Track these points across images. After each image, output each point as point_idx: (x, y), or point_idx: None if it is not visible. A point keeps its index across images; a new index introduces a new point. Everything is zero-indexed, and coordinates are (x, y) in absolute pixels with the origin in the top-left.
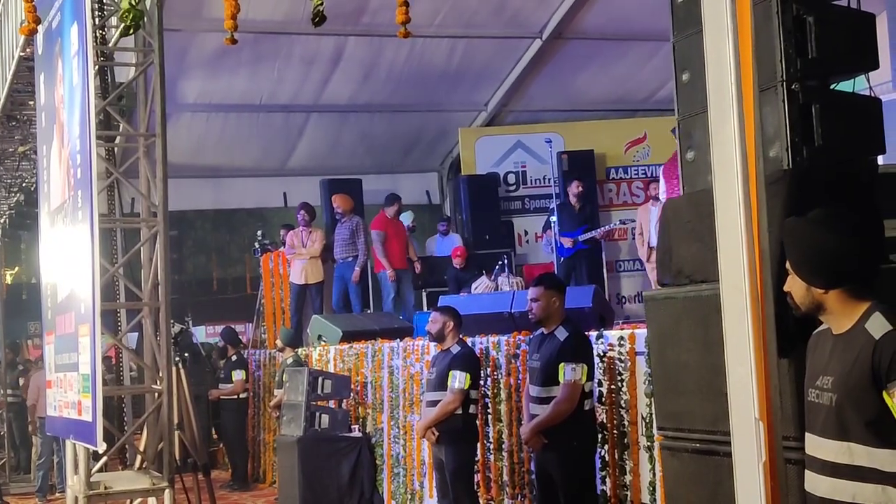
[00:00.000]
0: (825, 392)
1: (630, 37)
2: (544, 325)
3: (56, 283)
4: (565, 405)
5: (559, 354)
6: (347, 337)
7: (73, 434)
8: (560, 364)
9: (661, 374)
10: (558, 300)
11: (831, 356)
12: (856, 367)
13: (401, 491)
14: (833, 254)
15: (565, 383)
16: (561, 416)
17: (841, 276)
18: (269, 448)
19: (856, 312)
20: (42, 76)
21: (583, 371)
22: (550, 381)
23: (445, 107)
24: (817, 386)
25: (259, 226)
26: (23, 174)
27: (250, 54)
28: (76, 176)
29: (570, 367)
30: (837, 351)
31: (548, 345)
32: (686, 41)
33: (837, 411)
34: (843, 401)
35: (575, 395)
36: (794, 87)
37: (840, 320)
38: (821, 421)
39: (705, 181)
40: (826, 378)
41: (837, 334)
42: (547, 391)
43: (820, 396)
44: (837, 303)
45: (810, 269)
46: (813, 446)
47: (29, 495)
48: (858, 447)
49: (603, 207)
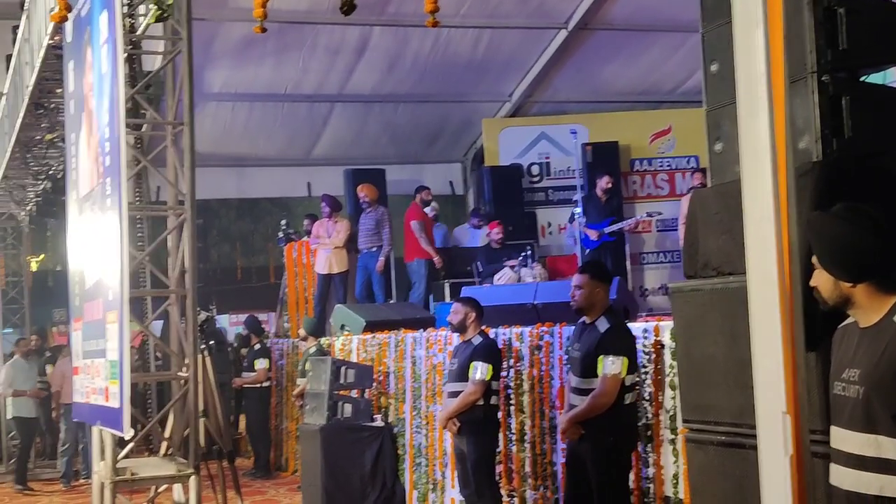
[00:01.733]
0: (852, 385)
1: (656, 28)
2: (586, 314)
3: (84, 270)
4: (603, 399)
5: (599, 346)
6: (370, 327)
7: (99, 420)
8: (599, 356)
9: (686, 366)
10: (602, 290)
11: (858, 349)
12: (884, 360)
13: (423, 481)
14: (858, 248)
15: (604, 376)
16: (598, 409)
17: (867, 270)
18: (291, 436)
19: (884, 305)
20: (71, 64)
21: (623, 364)
22: (589, 372)
23: (470, 97)
24: (843, 379)
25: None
26: (50, 162)
27: (276, 44)
28: (105, 164)
29: (610, 360)
30: (865, 344)
31: (588, 335)
32: (715, 32)
33: (865, 404)
34: (871, 393)
35: (613, 389)
36: (824, 79)
37: (867, 314)
38: (847, 413)
39: (733, 173)
40: (853, 371)
41: (864, 327)
42: (587, 382)
43: (846, 389)
44: (865, 296)
45: (836, 264)
46: (839, 439)
47: (54, 481)
48: (886, 440)
49: (627, 199)
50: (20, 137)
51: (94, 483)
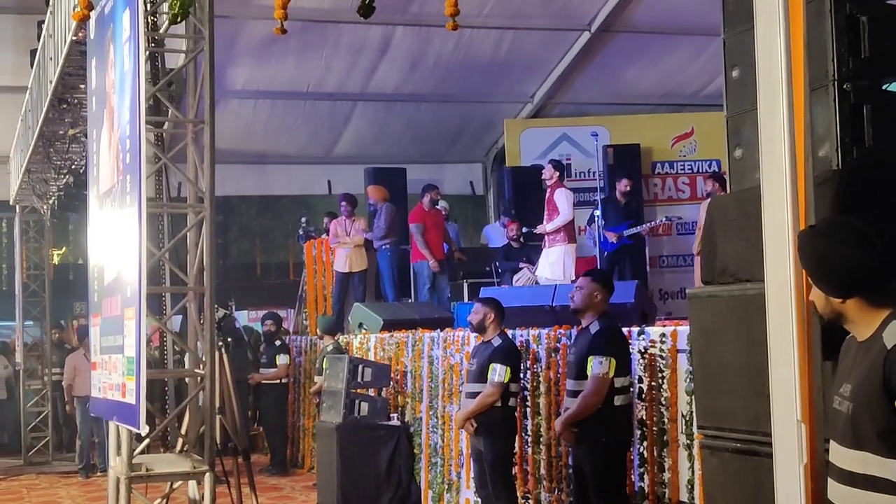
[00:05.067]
0: (845, 400)
1: (680, 31)
2: (582, 317)
3: (103, 265)
4: (592, 399)
5: (589, 348)
6: (388, 326)
7: (116, 416)
8: (589, 357)
9: (702, 372)
10: (600, 294)
11: (853, 364)
12: (870, 377)
13: (438, 481)
14: (842, 264)
15: (592, 377)
16: (588, 409)
17: (854, 286)
18: (308, 434)
19: (875, 320)
20: (94, 61)
21: (610, 364)
22: (581, 374)
23: (491, 98)
24: (840, 393)
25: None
26: (72, 156)
27: (298, 42)
28: (125, 161)
29: (598, 361)
30: (858, 359)
31: (581, 338)
32: (737, 37)
33: (853, 420)
34: (859, 410)
35: (602, 389)
36: (845, 87)
37: (861, 328)
38: (840, 429)
39: (752, 179)
40: (847, 386)
41: (860, 342)
42: (578, 384)
43: (841, 404)
44: (856, 311)
45: (823, 280)
46: (834, 454)
47: (72, 474)
48: (872, 457)
49: (648, 202)
50: (43, 132)
51: (110, 478)
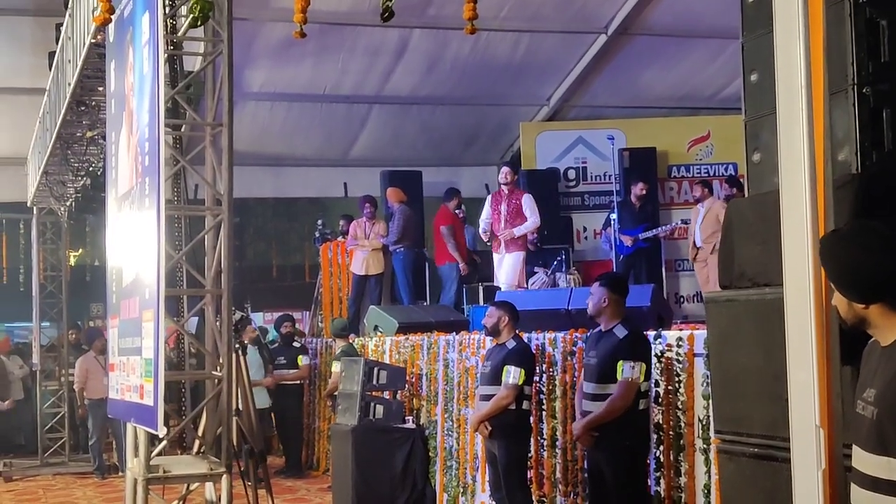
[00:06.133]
0: (868, 405)
1: (697, 34)
2: (600, 321)
3: (122, 267)
4: (620, 402)
5: (617, 352)
6: (403, 328)
7: (134, 417)
8: (619, 361)
9: (720, 376)
10: (608, 299)
11: (877, 368)
12: (894, 381)
13: (453, 484)
14: (865, 269)
15: (623, 381)
16: (615, 413)
17: (877, 291)
18: (323, 436)
19: None
20: (113, 64)
21: (641, 370)
22: (606, 378)
23: (508, 100)
24: (863, 398)
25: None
26: (90, 158)
27: (316, 45)
28: (144, 163)
29: (630, 365)
30: (882, 364)
31: (605, 342)
32: (756, 41)
33: (878, 425)
34: (883, 416)
35: (631, 394)
36: (865, 91)
37: (885, 333)
38: (864, 434)
39: (771, 183)
40: (871, 391)
41: (884, 346)
42: (602, 388)
43: (864, 409)
44: (880, 317)
45: (846, 285)
46: (857, 459)
47: (88, 475)
48: None
49: (664, 206)
50: (61, 134)
51: (127, 479)
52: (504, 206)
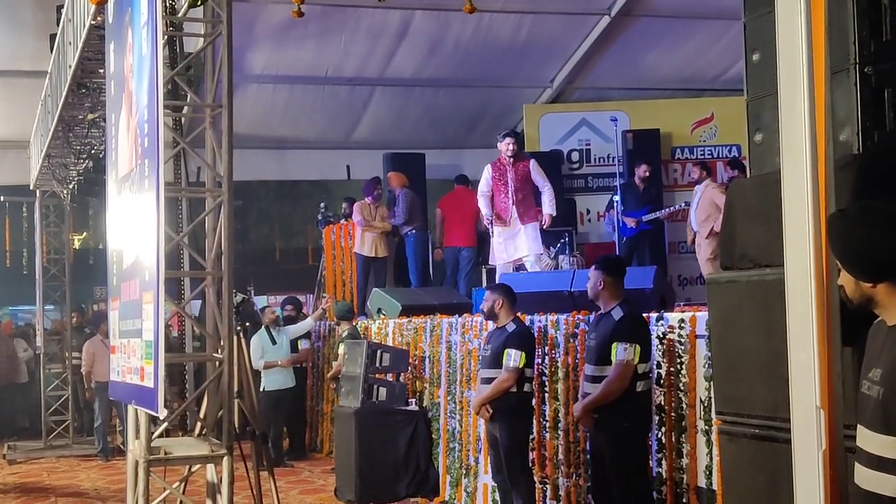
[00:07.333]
0: (874, 385)
1: (700, 15)
2: (599, 304)
3: (122, 249)
4: (616, 384)
5: (613, 334)
6: (406, 311)
7: (135, 399)
8: (613, 343)
9: (721, 358)
10: (604, 282)
11: (883, 348)
12: None
13: (456, 466)
14: (872, 247)
15: (617, 363)
16: (611, 395)
17: (884, 270)
18: (326, 418)
19: None
20: (112, 45)
21: (635, 351)
22: (603, 360)
23: (511, 83)
24: (869, 378)
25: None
26: (92, 141)
27: (317, 26)
28: (143, 145)
29: (623, 347)
30: (889, 343)
31: (603, 324)
32: (757, 21)
33: (884, 405)
34: (890, 395)
35: (626, 375)
36: (866, 71)
37: (891, 313)
38: (869, 413)
39: (772, 164)
40: (877, 370)
41: (890, 326)
42: (600, 370)
43: (870, 389)
44: (887, 296)
45: (853, 264)
46: (862, 439)
47: (92, 457)
48: None
49: (667, 188)
50: (63, 116)
51: (129, 461)
52: (511, 174)
